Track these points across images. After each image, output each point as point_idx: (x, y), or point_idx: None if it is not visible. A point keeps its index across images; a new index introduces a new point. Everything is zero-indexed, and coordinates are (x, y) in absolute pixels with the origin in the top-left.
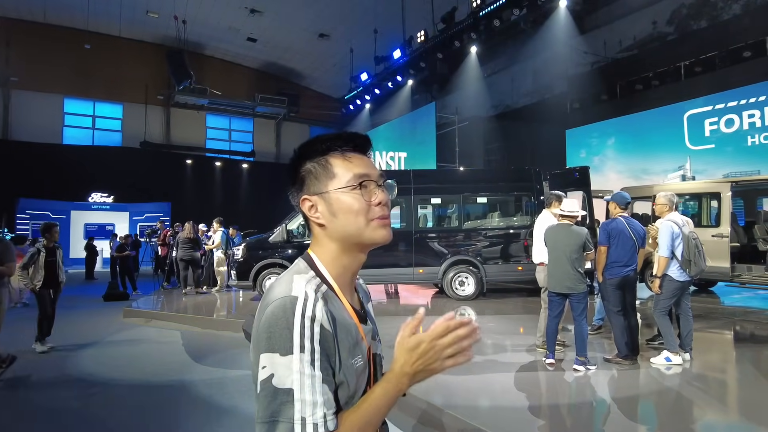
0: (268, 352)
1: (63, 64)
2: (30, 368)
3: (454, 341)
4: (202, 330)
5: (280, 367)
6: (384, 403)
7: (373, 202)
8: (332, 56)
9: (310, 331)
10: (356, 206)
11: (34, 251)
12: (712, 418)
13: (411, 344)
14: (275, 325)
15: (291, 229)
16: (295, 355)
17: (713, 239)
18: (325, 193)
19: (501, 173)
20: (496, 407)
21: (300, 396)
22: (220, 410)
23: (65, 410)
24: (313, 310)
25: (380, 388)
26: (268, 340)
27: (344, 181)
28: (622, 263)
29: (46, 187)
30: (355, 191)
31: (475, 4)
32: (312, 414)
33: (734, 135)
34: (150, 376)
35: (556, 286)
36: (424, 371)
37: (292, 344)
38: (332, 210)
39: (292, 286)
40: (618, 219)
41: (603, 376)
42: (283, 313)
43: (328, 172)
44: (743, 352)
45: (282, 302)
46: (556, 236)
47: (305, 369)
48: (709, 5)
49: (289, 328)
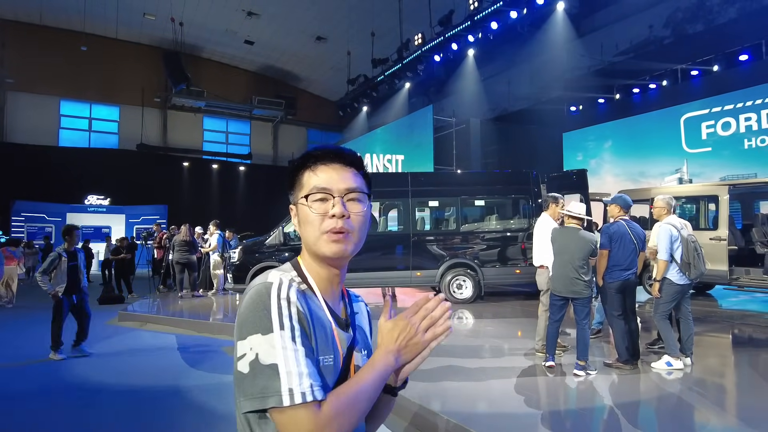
0: (250, 335)
1: (59, 66)
2: (23, 373)
3: (425, 314)
4: (198, 334)
5: (263, 345)
6: (371, 379)
7: (328, 215)
8: (329, 59)
9: (288, 311)
10: (310, 217)
11: (55, 256)
12: (714, 425)
13: (389, 326)
14: (253, 309)
15: (288, 232)
16: (276, 333)
17: (711, 242)
18: (296, 203)
19: (498, 176)
20: (494, 413)
21: (285, 368)
22: (215, 416)
23: (58, 416)
24: (287, 293)
25: (367, 366)
26: (248, 323)
27: (305, 192)
28: (623, 267)
29: (42, 190)
30: (309, 201)
31: (472, 6)
32: (299, 384)
33: (731, 138)
34: (145, 381)
35: (561, 289)
36: (407, 347)
37: (272, 323)
38: (299, 219)
39: (267, 276)
40: (619, 222)
41: (603, 381)
42: (259, 297)
43: (299, 184)
44: (743, 357)
45: (257, 288)
46: (564, 240)
47: (287, 344)
48: (705, 9)
49: (267, 309)
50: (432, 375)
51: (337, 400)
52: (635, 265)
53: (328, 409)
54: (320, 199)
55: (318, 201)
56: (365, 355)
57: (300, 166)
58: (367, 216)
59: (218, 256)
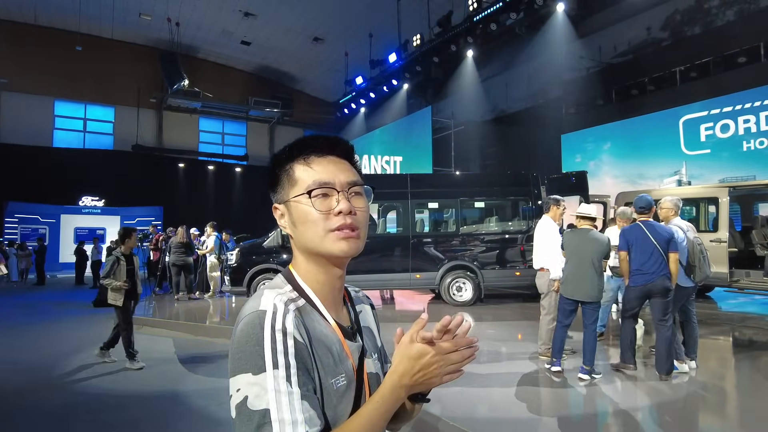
0: (240, 373)
1: (54, 66)
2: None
3: (460, 360)
4: (195, 337)
5: (254, 387)
6: (377, 416)
7: (333, 212)
8: (327, 60)
9: (283, 345)
10: (313, 215)
11: (113, 259)
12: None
13: (414, 353)
14: (245, 344)
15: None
16: (269, 373)
17: (711, 244)
18: (288, 201)
19: (498, 178)
20: (496, 417)
21: (278, 416)
22: (213, 422)
23: (53, 420)
24: (283, 323)
25: (373, 401)
26: (239, 360)
27: (302, 189)
28: (644, 270)
29: (36, 191)
30: (311, 200)
31: (471, 8)
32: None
33: (730, 140)
34: (141, 386)
35: (575, 293)
36: (423, 384)
37: (264, 361)
38: (293, 219)
39: (260, 301)
40: (636, 224)
41: (608, 385)
42: (251, 330)
43: (290, 180)
44: (745, 360)
45: (250, 318)
46: (577, 242)
47: (281, 386)
48: (703, 11)
49: (260, 344)
50: None
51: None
52: (662, 268)
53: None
54: (322, 194)
55: (320, 197)
56: (376, 359)
57: (288, 159)
58: (369, 210)
59: (215, 258)
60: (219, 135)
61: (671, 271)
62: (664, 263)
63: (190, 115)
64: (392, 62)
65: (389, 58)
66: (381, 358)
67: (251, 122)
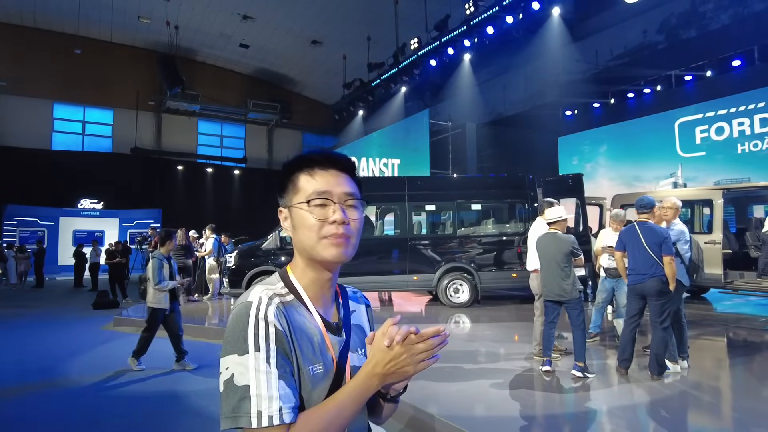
0: (228, 354)
1: (53, 69)
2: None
3: (427, 348)
4: (194, 339)
5: (239, 366)
6: (349, 400)
7: (329, 220)
8: (325, 63)
9: (264, 332)
10: (309, 222)
11: (159, 263)
12: (710, 427)
13: (383, 347)
14: (233, 330)
15: (284, 236)
16: (251, 354)
17: (706, 246)
18: (291, 207)
19: (495, 180)
20: (492, 416)
21: (256, 391)
22: (213, 422)
23: (54, 420)
24: (265, 313)
25: (348, 386)
26: (229, 343)
27: (303, 197)
28: (637, 270)
29: (35, 193)
30: (311, 207)
31: (468, 11)
32: (268, 407)
33: (724, 142)
34: (141, 387)
35: (549, 294)
36: (395, 374)
37: (248, 344)
38: (294, 223)
39: (249, 294)
40: (632, 225)
41: (601, 384)
42: (239, 318)
43: (295, 187)
44: (738, 359)
45: (239, 308)
46: (545, 245)
47: (260, 366)
48: (698, 15)
49: (245, 330)
50: (429, 378)
51: (307, 423)
52: (652, 269)
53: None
54: (320, 204)
55: (318, 206)
56: (362, 354)
57: (295, 169)
58: (362, 221)
59: (214, 261)
60: (217, 138)
61: (666, 274)
62: (656, 264)
63: (188, 117)
64: (390, 65)
65: (387, 62)
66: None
67: (250, 125)
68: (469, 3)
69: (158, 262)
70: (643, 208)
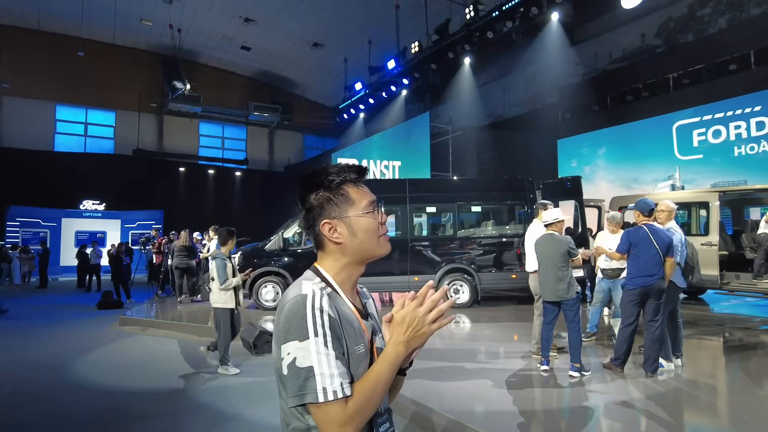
0: (289, 341)
1: (55, 71)
2: (29, 376)
3: (431, 306)
4: (199, 338)
5: (301, 351)
6: (384, 369)
7: (382, 222)
8: (326, 65)
9: (321, 320)
10: (372, 227)
11: (222, 263)
12: (703, 423)
13: (398, 319)
14: (292, 319)
15: (287, 238)
16: (311, 339)
17: (702, 248)
18: (346, 217)
19: (494, 182)
20: (491, 411)
21: (319, 371)
22: (223, 416)
23: (66, 417)
24: (320, 303)
25: (380, 359)
26: (288, 331)
27: (362, 207)
28: (644, 273)
29: (37, 195)
30: (370, 215)
31: (468, 16)
32: (331, 383)
33: (721, 145)
34: (150, 384)
35: (547, 294)
36: (416, 337)
37: (308, 331)
38: (353, 231)
39: (302, 288)
40: (641, 227)
41: (597, 382)
42: (297, 309)
43: (347, 200)
44: (732, 359)
45: (295, 300)
46: (542, 247)
47: (321, 349)
48: (696, 19)
49: (304, 319)
50: (431, 376)
51: (360, 394)
52: (658, 271)
53: (354, 403)
54: (372, 210)
55: (373, 212)
56: (381, 337)
57: (342, 182)
58: None
59: None
60: (219, 139)
61: (666, 274)
62: (662, 266)
63: (190, 119)
64: (391, 68)
65: (388, 65)
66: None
67: (251, 127)
68: (469, 8)
69: (221, 261)
70: (651, 211)
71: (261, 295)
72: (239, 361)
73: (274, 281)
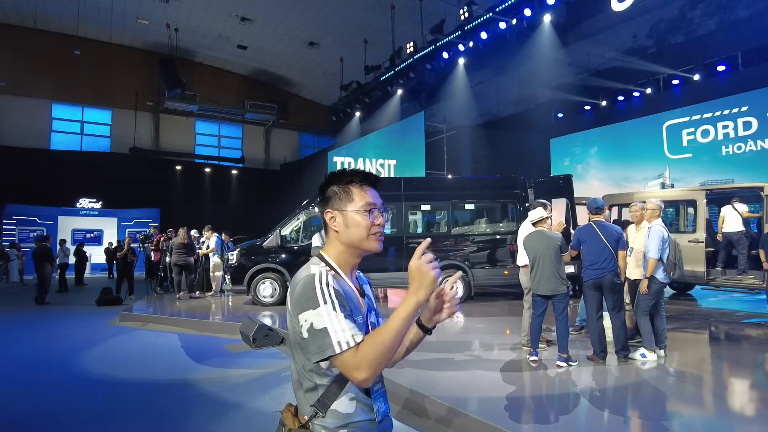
0: (304, 311)
1: (52, 70)
2: (31, 370)
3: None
4: (199, 333)
5: (315, 317)
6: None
7: (375, 223)
8: (322, 64)
9: (328, 291)
10: (363, 224)
11: None
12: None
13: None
14: (305, 292)
15: (284, 235)
16: (322, 307)
17: (690, 244)
18: (344, 211)
19: (488, 181)
20: (483, 397)
21: (333, 328)
22: (225, 406)
23: (69, 410)
24: (327, 279)
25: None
26: (302, 303)
27: (358, 206)
28: (596, 266)
29: (34, 193)
30: (364, 214)
31: (463, 17)
32: (344, 336)
33: (710, 145)
34: (153, 375)
35: (541, 288)
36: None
37: (318, 301)
38: (347, 223)
39: (310, 269)
40: (588, 224)
41: (583, 372)
42: (308, 285)
43: (348, 197)
44: (713, 349)
45: (306, 278)
46: (534, 242)
47: (331, 312)
48: (686, 20)
49: (314, 291)
50: (425, 366)
51: (370, 339)
52: (611, 264)
53: (365, 348)
54: (369, 211)
55: (368, 212)
56: (375, 313)
57: (348, 182)
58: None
59: (218, 258)
60: (215, 138)
61: (620, 267)
62: (613, 260)
63: (186, 118)
64: (386, 68)
65: (383, 64)
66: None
67: (247, 125)
68: (463, 8)
69: None
70: (597, 210)
71: (259, 292)
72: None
73: (271, 278)
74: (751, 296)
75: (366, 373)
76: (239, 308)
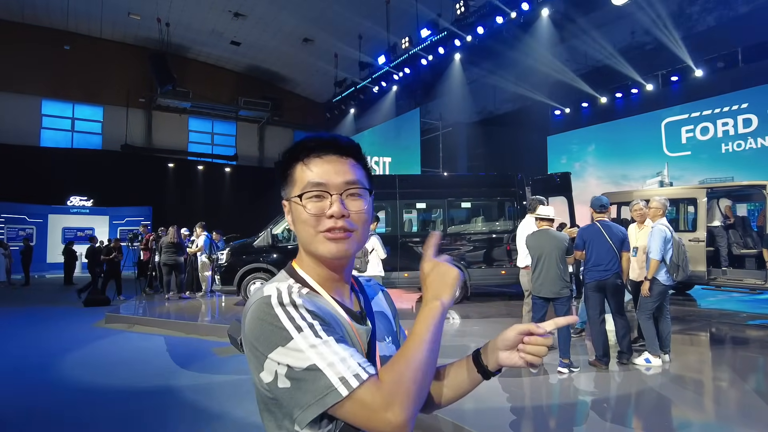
0: (270, 352)
1: (41, 65)
2: (11, 374)
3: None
4: (186, 335)
5: (290, 355)
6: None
7: (326, 214)
8: (316, 61)
9: (298, 313)
10: (304, 216)
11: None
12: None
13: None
14: (261, 328)
15: (276, 234)
16: (296, 338)
17: (690, 243)
18: (290, 200)
19: (484, 179)
20: (480, 407)
21: (325, 363)
22: (208, 415)
23: (48, 416)
24: (290, 298)
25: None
26: (263, 344)
27: (299, 190)
28: (601, 267)
29: (23, 191)
30: (305, 200)
31: (459, 12)
32: (347, 369)
33: (709, 142)
34: (135, 382)
35: (542, 290)
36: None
37: (288, 331)
38: (293, 218)
39: (263, 291)
40: (593, 223)
41: (585, 378)
42: (262, 314)
43: (292, 179)
44: (719, 353)
45: (257, 305)
46: (540, 242)
47: (314, 342)
48: (685, 16)
49: (276, 321)
50: None
51: (397, 364)
52: (615, 266)
53: (390, 376)
54: (316, 196)
55: (313, 198)
56: (390, 342)
57: (291, 159)
58: (369, 213)
59: (206, 258)
60: (208, 135)
61: (623, 269)
62: (617, 261)
63: (179, 115)
64: (381, 64)
65: (378, 60)
66: (396, 341)
67: (241, 122)
68: (459, 3)
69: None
70: (602, 208)
71: (249, 292)
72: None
73: (262, 278)
74: (750, 296)
75: (401, 410)
76: (229, 309)
